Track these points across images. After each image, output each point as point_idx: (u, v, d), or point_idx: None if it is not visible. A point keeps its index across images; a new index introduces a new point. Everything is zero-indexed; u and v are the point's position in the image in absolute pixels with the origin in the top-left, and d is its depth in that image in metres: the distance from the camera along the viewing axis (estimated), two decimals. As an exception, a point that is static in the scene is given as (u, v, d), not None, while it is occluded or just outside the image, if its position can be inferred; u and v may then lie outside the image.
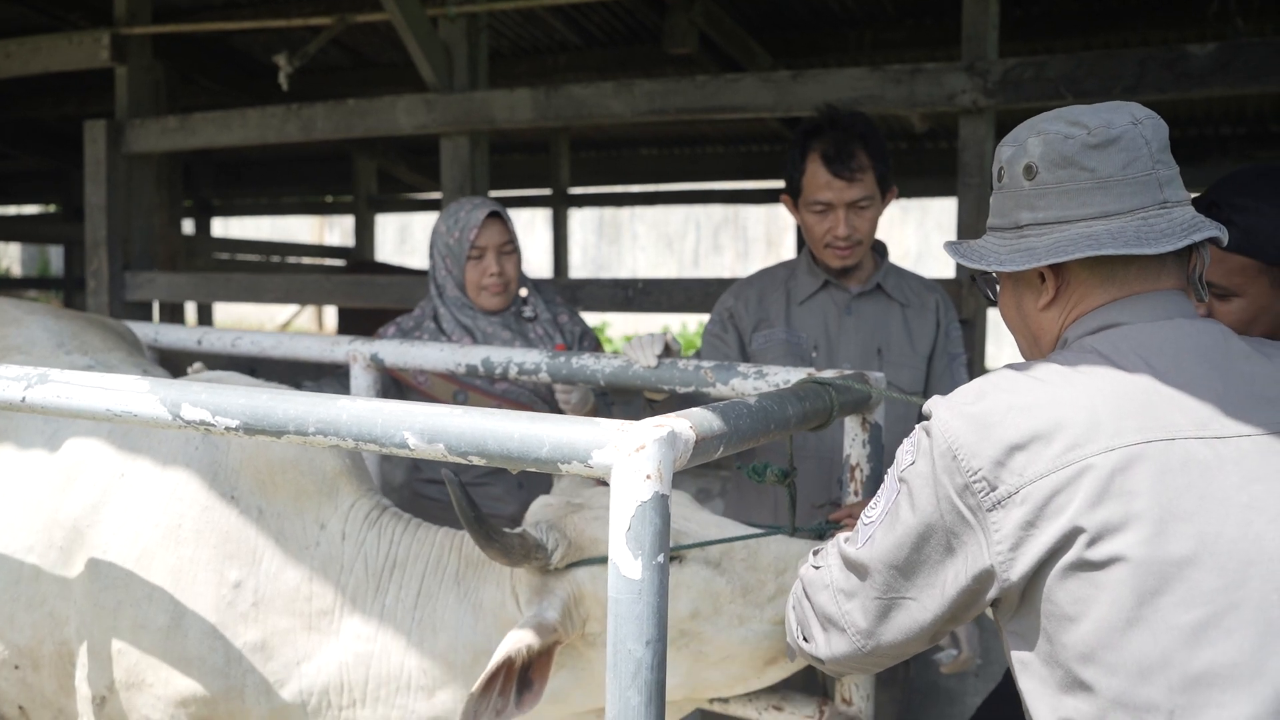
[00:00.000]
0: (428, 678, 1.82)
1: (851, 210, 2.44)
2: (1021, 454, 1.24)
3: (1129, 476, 1.20)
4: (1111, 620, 1.19)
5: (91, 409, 1.56)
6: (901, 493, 1.35)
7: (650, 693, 1.25)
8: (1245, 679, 1.15)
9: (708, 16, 5.47)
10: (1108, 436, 1.22)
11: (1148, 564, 1.18)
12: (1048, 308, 1.41)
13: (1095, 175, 1.33)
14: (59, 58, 4.84)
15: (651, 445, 1.24)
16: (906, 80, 3.46)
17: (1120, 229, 1.32)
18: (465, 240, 2.77)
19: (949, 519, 1.29)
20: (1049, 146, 1.36)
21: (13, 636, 2.00)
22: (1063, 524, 1.21)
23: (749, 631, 1.70)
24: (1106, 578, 1.19)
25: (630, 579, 1.24)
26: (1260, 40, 3.02)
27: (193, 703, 1.86)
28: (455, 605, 1.83)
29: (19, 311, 2.43)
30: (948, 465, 1.28)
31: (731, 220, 14.81)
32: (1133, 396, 1.25)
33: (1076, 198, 1.34)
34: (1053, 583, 1.23)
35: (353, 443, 1.39)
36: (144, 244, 4.89)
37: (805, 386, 1.76)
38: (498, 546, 1.60)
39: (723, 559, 1.72)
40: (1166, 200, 1.34)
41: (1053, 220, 1.36)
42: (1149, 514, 1.19)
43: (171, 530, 1.90)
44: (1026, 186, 1.38)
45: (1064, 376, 1.29)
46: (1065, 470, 1.21)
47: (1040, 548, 1.22)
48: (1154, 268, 1.35)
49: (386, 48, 6.85)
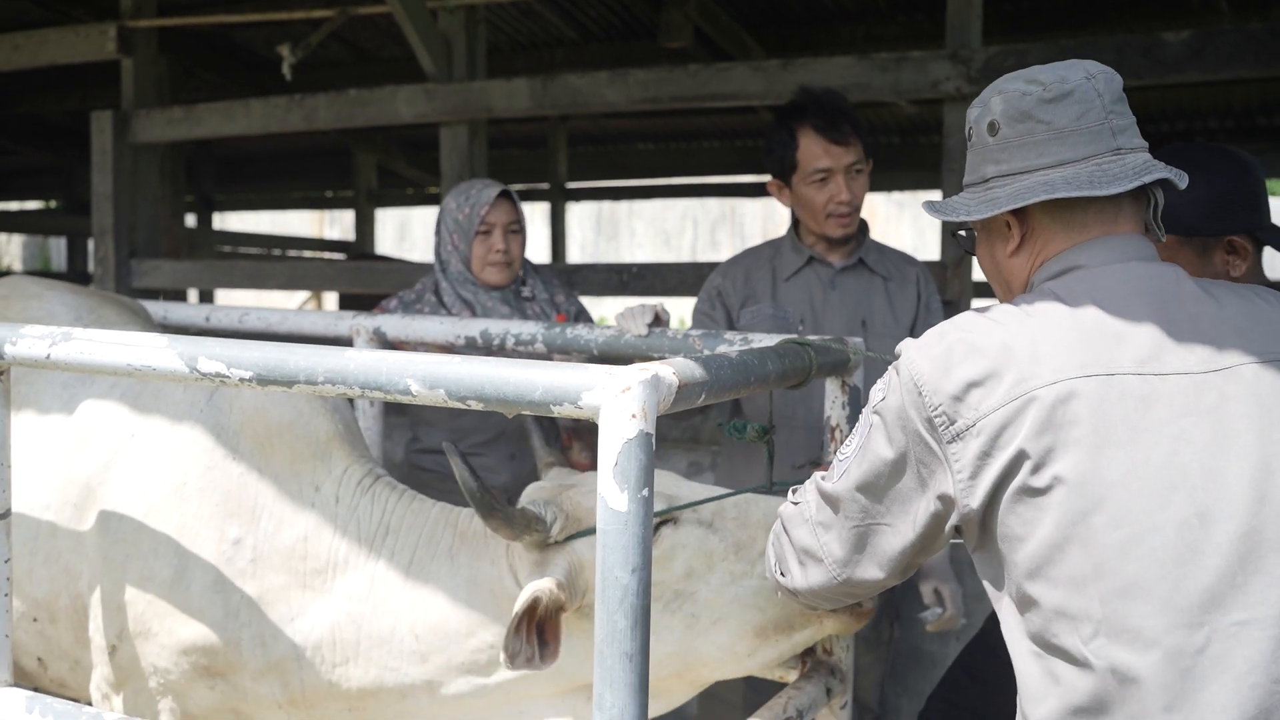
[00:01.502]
0: (420, 644, 1.88)
1: (849, 175, 2.56)
2: (977, 390, 1.35)
3: (1069, 407, 1.30)
4: (1052, 538, 1.30)
5: (113, 364, 1.65)
6: (874, 426, 1.46)
7: (635, 616, 1.34)
8: (1164, 593, 1.26)
9: (703, 11, 5.57)
10: (1052, 371, 1.32)
11: (1082, 486, 1.29)
12: (1015, 253, 1.51)
13: (1051, 127, 1.44)
14: (67, 50, 4.94)
15: (637, 387, 1.33)
16: (892, 68, 3.56)
17: (1075, 174, 1.42)
18: (476, 216, 2.87)
19: (917, 450, 1.40)
20: (1009, 103, 1.47)
21: (31, 590, 2.10)
22: (1011, 452, 1.32)
23: (741, 589, 1.78)
24: (1048, 500, 1.30)
25: (617, 511, 1.33)
26: (1233, 29, 3.13)
27: (194, 651, 1.94)
28: (448, 578, 1.89)
29: (39, 287, 2.53)
30: (914, 400, 1.39)
31: (728, 216, 14.91)
32: (1079, 335, 1.35)
33: (1035, 149, 1.45)
34: (1005, 508, 1.34)
35: (360, 390, 1.49)
36: (149, 232, 4.99)
37: (785, 346, 1.85)
38: (500, 517, 1.67)
39: (714, 519, 1.80)
40: (1120, 148, 1.43)
41: (1015, 171, 1.46)
42: (1085, 441, 1.30)
43: (177, 488, 1.98)
44: (991, 142, 1.49)
45: (1018, 319, 1.39)
46: (1014, 403, 1.32)
47: (994, 475, 1.33)
48: (1110, 211, 1.45)
49: (387, 42, 6.95)
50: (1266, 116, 7.44)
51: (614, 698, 1.34)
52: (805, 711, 1.94)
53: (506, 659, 1.63)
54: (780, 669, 2.16)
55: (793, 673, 2.11)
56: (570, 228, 12.47)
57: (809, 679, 2.04)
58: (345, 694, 1.93)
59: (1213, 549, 1.27)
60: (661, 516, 1.80)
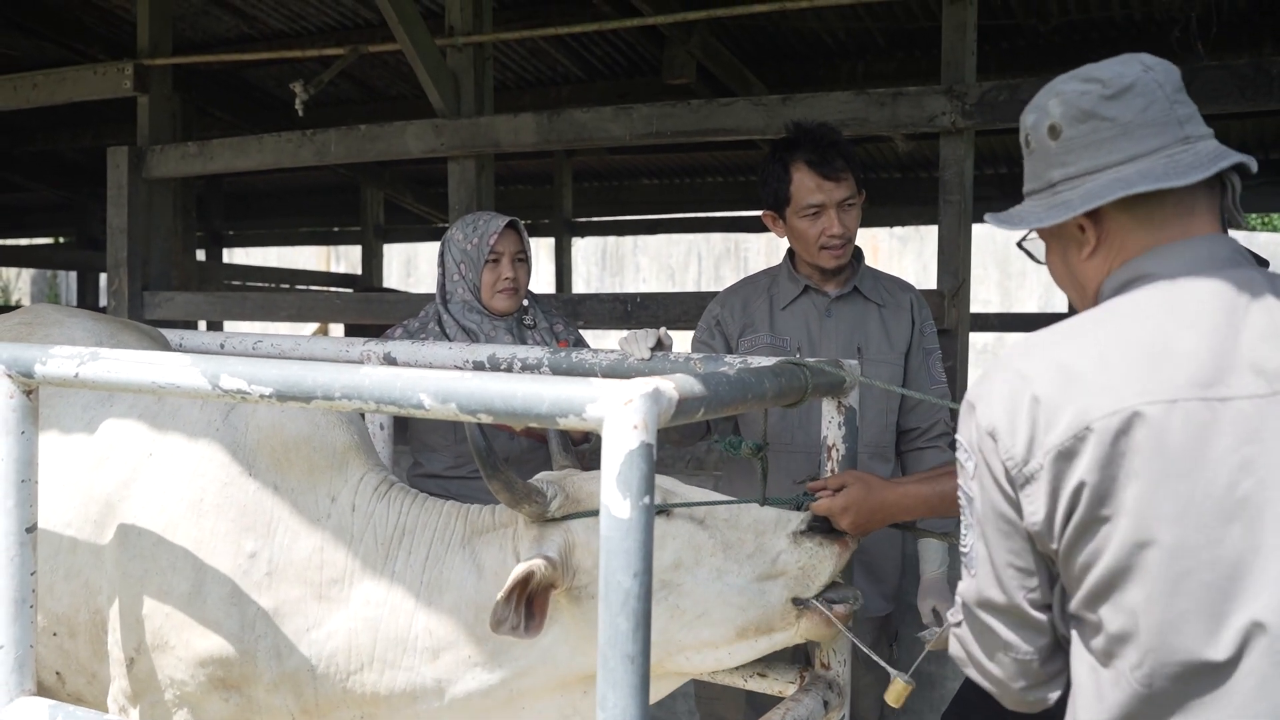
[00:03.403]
0: (433, 638, 1.94)
1: (841, 209, 2.62)
2: (1040, 427, 1.32)
3: (1130, 438, 1.28)
4: (1112, 567, 1.30)
5: (138, 382, 1.73)
6: (974, 500, 1.44)
7: (637, 619, 1.40)
8: (1212, 627, 1.26)
9: (705, 48, 5.69)
10: (1112, 399, 1.29)
11: (1140, 517, 1.27)
12: (1091, 256, 1.45)
13: (1116, 123, 1.40)
14: (84, 88, 5.07)
15: (639, 400, 1.40)
16: (889, 103, 3.66)
17: (1148, 168, 1.38)
18: (485, 245, 2.96)
19: (1007, 506, 1.38)
20: (1068, 104, 1.43)
21: (52, 605, 2.15)
22: (1073, 484, 1.30)
23: (725, 586, 1.86)
24: (1111, 529, 1.29)
25: (619, 518, 1.39)
26: (1217, 64, 3.23)
27: (210, 664, 2.00)
28: (460, 566, 1.96)
29: (60, 314, 2.61)
30: (991, 449, 1.37)
31: (732, 251, 15.02)
32: (1142, 356, 1.31)
33: (1102, 147, 1.40)
34: (1072, 539, 1.33)
35: (374, 405, 1.56)
36: (162, 265, 5.09)
37: (783, 366, 1.93)
38: (501, 479, 1.76)
39: (706, 516, 1.90)
40: (1188, 136, 1.39)
41: (1083, 172, 1.42)
42: (1146, 472, 1.27)
43: (194, 504, 2.04)
44: (1053, 146, 1.45)
45: (1079, 340, 1.36)
46: (1073, 436, 1.30)
47: (1062, 512, 1.32)
48: (1187, 202, 1.39)
49: (396, 80, 7.09)
50: (1263, 151, 7.55)
51: (616, 698, 1.40)
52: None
53: (493, 623, 1.72)
54: (779, 684, 2.22)
55: (791, 687, 2.17)
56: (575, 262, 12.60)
57: (806, 692, 2.09)
58: (358, 700, 1.98)
59: (1266, 584, 1.25)
60: (656, 508, 1.88)
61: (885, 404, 2.69)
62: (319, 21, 6.18)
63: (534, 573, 1.75)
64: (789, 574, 1.89)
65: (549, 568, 1.78)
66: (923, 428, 2.73)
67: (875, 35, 5.98)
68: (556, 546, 1.84)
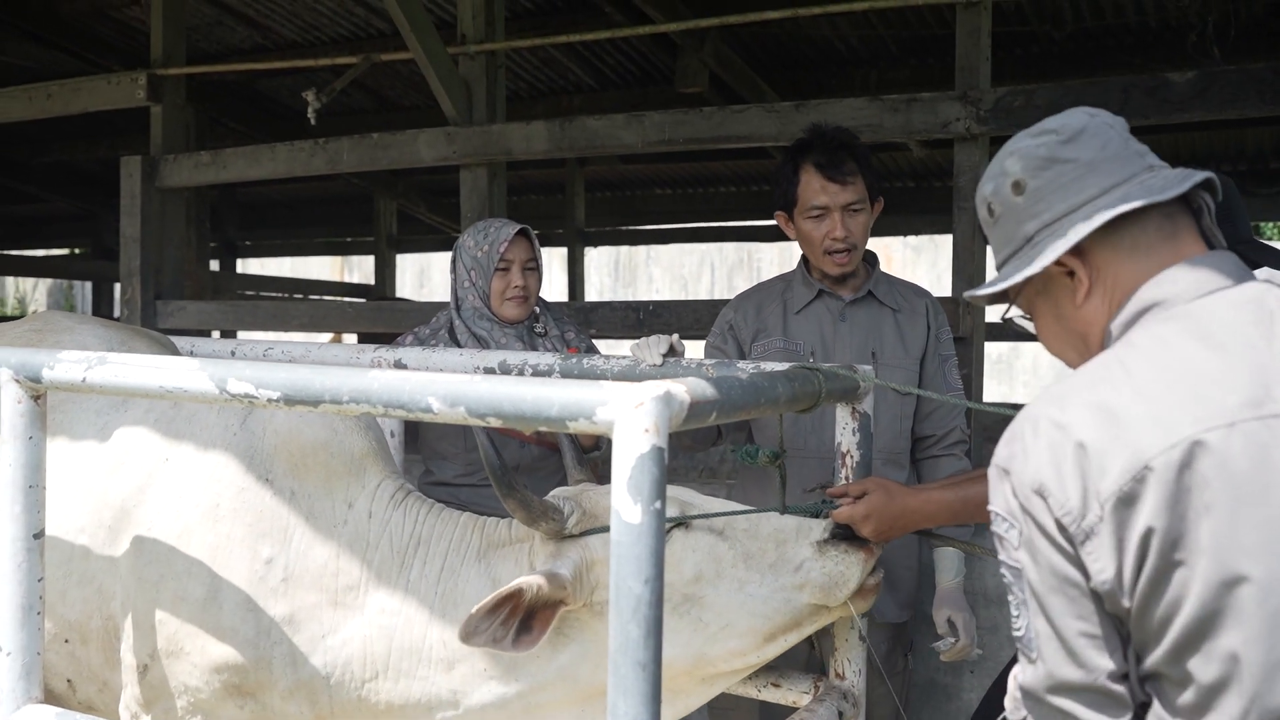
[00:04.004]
0: (447, 650, 1.92)
1: (846, 213, 2.60)
2: (1092, 476, 1.23)
3: (1194, 471, 1.20)
4: (1198, 614, 1.20)
5: (146, 387, 1.71)
6: (1024, 572, 1.31)
7: (648, 626, 1.38)
8: None
9: (718, 57, 5.69)
10: (1165, 433, 1.21)
11: (1221, 554, 1.19)
12: (1088, 299, 1.41)
13: (1079, 163, 1.40)
14: (99, 98, 5.09)
15: (650, 403, 1.38)
16: (903, 109, 3.64)
17: (1125, 193, 1.36)
18: (495, 253, 2.95)
19: (1069, 567, 1.27)
20: (1027, 158, 1.43)
21: (64, 612, 2.14)
22: (1141, 532, 1.21)
23: (747, 596, 1.83)
24: (1189, 574, 1.20)
25: (630, 523, 1.37)
26: (1235, 69, 3.19)
27: (225, 670, 1.98)
28: (476, 580, 1.94)
29: (71, 321, 2.61)
30: (1042, 511, 1.27)
31: (745, 262, 15.00)
32: (1183, 384, 1.24)
33: (1071, 187, 1.39)
34: (1146, 590, 1.23)
35: (383, 409, 1.54)
36: (175, 275, 5.10)
37: (796, 370, 1.91)
38: (517, 498, 1.74)
39: (726, 527, 1.87)
40: (1152, 165, 1.40)
41: (1059, 215, 1.40)
42: (1218, 504, 1.19)
43: (210, 510, 2.03)
44: (1020, 202, 1.43)
45: (1109, 385, 1.28)
46: (1133, 478, 1.21)
47: (1133, 562, 1.22)
48: (1168, 227, 1.37)
49: (409, 92, 7.11)
50: (1279, 159, 7.50)
51: (627, 706, 1.37)
52: (817, 732, 1.96)
53: (463, 634, 1.70)
54: (794, 694, 2.19)
55: (805, 697, 2.14)
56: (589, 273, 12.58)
57: (821, 702, 2.06)
58: (373, 709, 1.97)
59: None
60: (675, 521, 1.86)
61: (900, 410, 2.66)
62: (332, 32, 6.20)
63: (523, 590, 1.73)
64: (814, 583, 1.87)
65: (549, 585, 1.76)
66: (938, 435, 2.70)
67: (888, 43, 5.96)
68: (572, 563, 1.82)
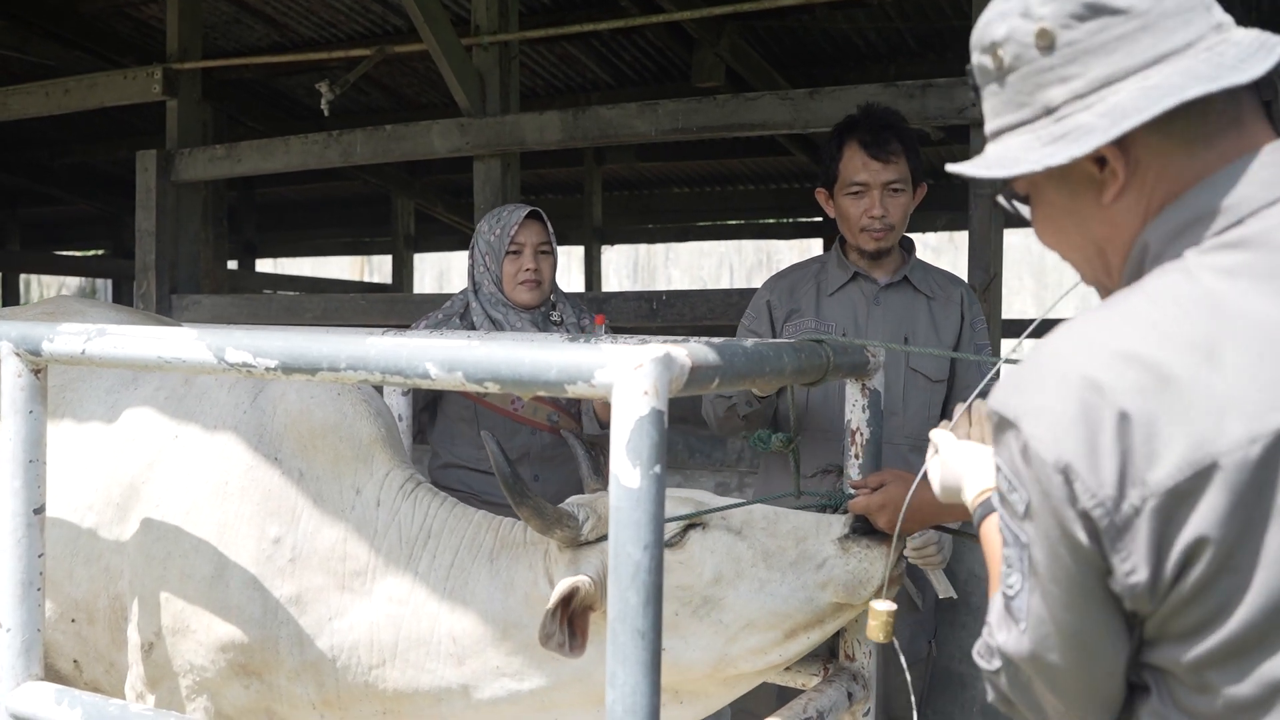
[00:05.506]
0: (457, 646, 1.91)
1: (885, 191, 2.59)
2: (1137, 459, 0.98)
3: (1274, 469, 0.95)
4: (1246, 632, 0.98)
5: (145, 358, 1.70)
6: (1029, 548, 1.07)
7: (647, 593, 1.35)
8: None
9: (734, 51, 5.66)
10: (1246, 420, 0.95)
11: None
12: (1119, 199, 1.10)
13: (1132, 15, 1.06)
14: (114, 93, 5.11)
15: (649, 365, 1.35)
16: (919, 95, 3.60)
17: (1189, 68, 1.04)
18: (506, 236, 2.93)
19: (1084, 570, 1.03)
20: (1061, 1, 1.08)
21: (71, 591, 2.13)
22: (1191, 539, 0.97)
23: (768, 596, 1.79)
24: (1241, 583, 0.97)
25: (629, 488, 1.34)
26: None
27: (231, 649, 1.97)
28: (487, 581, 1.92)
29: (82, 305, 2.62)
30: (1062, 499, 1.01)
31: (764, 261, 14.96)
32: (1269, 348, 0.97)
33: (1120, 48, 1.06)
34: (1186, 599, 1.00)
35: (380, 375, 1.52)
36: (190, 269, 5.11)
37: (803, 342, 1.87)
38: (530, 506, 1.71)
39: (743, 527, 1.83)
40: (1220, 23, 1.08)
41: (1097, 85, 1.07)
42: None
43: (218, 487, 2.02)
44: (1046, 61, 1.09)
45: (1161, 334, 0.99)
46: (1195, 474, 0.96)
47: (1173, 568, 0.99)
48: (1232, 111, 1.07)
49: (425, 88, 7.12)
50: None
51: (626, 675, 1.35)
52: (825, 713, 1.93)
53: (542, 637, 1.68)
54: (803, 676, 2.15)
55: (815, 679, 2.10)
56: (606, 274, 12.59)
57: (830, 683, 2.03)
58: (380, 695, 1.95)
59: None
60: (690, 520, 1.82)
61: (929, 396, 2.63)
62: (349, 29, 6.21)
63: (579, 589, 1.71)
64: (837, 581, 1.81)
65: (592, 586, 1.74)
66: (967, 425, 2.66)
67: (906, 37, 5.92)
68: (594, 569, 1.79)
